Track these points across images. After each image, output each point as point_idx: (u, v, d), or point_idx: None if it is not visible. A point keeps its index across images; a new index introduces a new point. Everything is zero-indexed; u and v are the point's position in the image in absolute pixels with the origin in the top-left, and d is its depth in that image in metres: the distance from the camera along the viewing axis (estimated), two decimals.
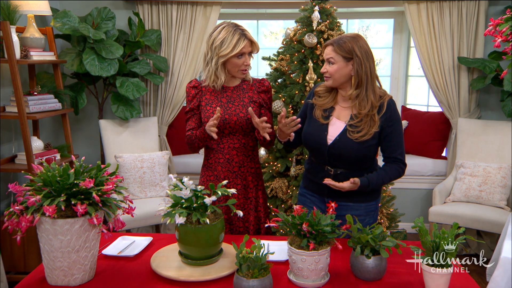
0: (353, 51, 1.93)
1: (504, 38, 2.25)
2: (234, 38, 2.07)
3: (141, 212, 3.30)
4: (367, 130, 1.96)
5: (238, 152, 2.19)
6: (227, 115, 2.15)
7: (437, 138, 4.19)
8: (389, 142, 2.00)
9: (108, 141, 3.77)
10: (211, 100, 2.19)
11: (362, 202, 2.07)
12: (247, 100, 2.19)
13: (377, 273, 1.65)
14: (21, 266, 3.19)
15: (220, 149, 2.19)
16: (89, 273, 1.66)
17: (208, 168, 2.23)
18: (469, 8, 3.81)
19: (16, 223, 1.55)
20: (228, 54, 2.07)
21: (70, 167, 1.62)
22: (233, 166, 2.19)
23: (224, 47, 2.07)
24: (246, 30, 2.13)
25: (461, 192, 3.67)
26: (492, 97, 4.01)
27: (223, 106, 2.16)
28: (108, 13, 3.71)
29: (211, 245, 1.72)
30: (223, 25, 2.11)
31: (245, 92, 2.22)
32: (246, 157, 2.21)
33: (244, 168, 2.21)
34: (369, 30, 4.71)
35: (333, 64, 1.96)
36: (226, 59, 2.10)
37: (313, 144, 2.05)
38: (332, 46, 1.97)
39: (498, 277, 2.19)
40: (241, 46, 2.07)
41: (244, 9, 4.32)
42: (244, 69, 2.15)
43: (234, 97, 2.20)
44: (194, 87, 2.21)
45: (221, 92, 2.20)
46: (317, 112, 2.06)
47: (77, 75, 3.84)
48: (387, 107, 1.98)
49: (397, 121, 2.01)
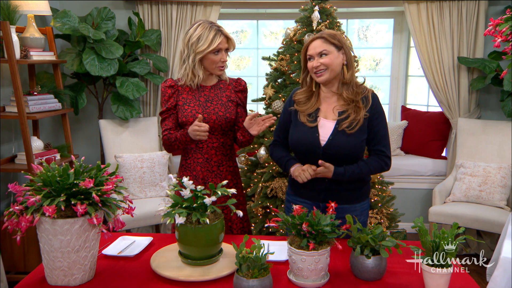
0: (341, 41, 1.99)
1: (504, 38, 2.25)
2: (211, 34, 2.07)
3: (141, 212, 3.30)
4: (354, 117, 1.97)
5: (217, 151, 2.19)
6: (206, 114, 2.15)
7: (437, 138, 4.19)
8: (375, 134, 2.03)
9: (108, 141, 3.77)
10: (188, 99, 2.17)
11: (357, 203, 2.09)
12: (225, 99, 2.20)
13: (377, 273, 1.65)
14: (21, 266, 3.19)
15: (198, 149, 2.18)
16: (89, 273, 1.66)
17: (187, 168, 2.22)
18: (469, 8, 3.81)
19: (16, 223, 1.55)
20: (205, 50, 2.07)
21: (70, 167, 1.62)
22: (212, 166, 2.19)
23: (201, 43, 2.07)
24: (221, 27, 2.13)
25: (461, 192, 3.67)
26: (492, 97, 4.01)
27: (202, 106, 2.16)
28: (108, 13, 3.71)
29: (211, 245, 1.72)
30: (198, 22, 2.11)
31: (223, 91, 2.22)
32: (224, 156, 2.22)
33: (223, 167, 2.22)
34: (369, 30, 4.71)
35: (327, 55, 1.97)
36: (203, 56, 2.09)
37: (305, 148, 2.02)
38: (322, 39, 1.99)
39: (498, 277, 2.19)
40: (218, 42, 2.07)
41: (244, 9, 4.32)
42: (221, 66, 2.14)
43: (212, 96, 2.19)
44: (171, 86, 2.19)
45: (198, 91, 2.19)
46: (302, 117, 2.05)
47: (77, 75, 3.84)
48: (372, 100, 2.02)
49: (382, 113, 2.05)
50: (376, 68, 4.79)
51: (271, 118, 2.06)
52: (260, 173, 3.12)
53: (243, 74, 4.82)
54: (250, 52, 4.76)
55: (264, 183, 3.03)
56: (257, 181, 3.12)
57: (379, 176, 3.09)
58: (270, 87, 3.17)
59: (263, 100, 3.24)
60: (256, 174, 3.16)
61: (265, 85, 3.23)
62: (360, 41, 4.71)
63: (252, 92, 4.81)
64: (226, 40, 2.11)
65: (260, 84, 4.66)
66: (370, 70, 4.78)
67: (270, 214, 3.00)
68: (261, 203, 3.02)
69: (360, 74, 3.21)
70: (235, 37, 4.74)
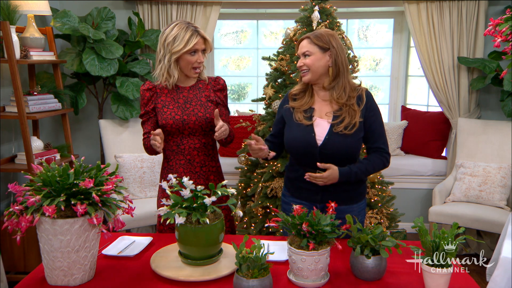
0: (330, 42, 1.97)
1: (503, 38, 2.25)
2: (187, 34, 2.05)
3: (141, 212, 3.30)
4: (349, 120, 1.96)
5: (199, 152, 2.18)
6: (186, 116, 2.13)
7: (437, 138, 4.19)
8: (372, 132, 2.02)
9: (108, 141, 3.77)
10: (167, 101, 2.16)
11: (355, 203, 2.08)
12: (204, 100, 2.18)
13: (377, 273, 1.65)
14: (21, 266, 3.19)
15: (180, 151, 2.17)
16: (88, 273, 1.66)
17: (169, 170, 2.20)
18: (469, 8, 3.81)
19: (16, 223, 1.55)
20: (180, 50, 2.06)
21: (69, 167, 1.62)
22: (195, 167, 2.19)
23: (177, 43, 2.06)
24: (198, 27, 2.12)
25: (461, 192, 3.67)
26: (492, 97, 4.01)
27: (181, 107, 2.15)
28: (108, 13, 3.71)
29: (211, 245, 1.72)
30: (175, 23, 2.10)
31: (202, 92, 2.20)
32: (207, 157, 2.21)
33: (206, 168, 2.21)
34: (369, 30, 4.71)
35: (309, 56, 1.97)
36: (178, 56, 2.08)
37: (301, 148, 2.01)
38: (308, 39, 1.99)
39: (498, 277, 2.19)
40: (193, 42, 2.05)
41: (244, 9, 4.32)
42: (196, 67, 2.12)
43: (191, 97, 2.18)
44: (149, 89, 2.18)
45: (177, 93, 2.18)
46: (297, 115, 2.04)
47: (77, 75, 3.84)
48: (366, 98, 2.02)
49: (377, 110, 2.05)
50: (376, 68, 4.79)
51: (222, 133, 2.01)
52: (260, 173, 3.13)
53: (243, 74, 4.82)
54: (250, 52, 4.76)
55: (264, 183, 3.03)
56: (257, 181, 3.13)
57: (379, 176, 3.09)
58: (270, 87, 3.17)
59: (263, 100, 3.25)
60: (256, 174, 3.16)
61: (265, 85, 3.23)
62: (360, 41, 4.71)
63: (252, 92, 4.81)
64: (203, 41, 2.10)
65: (260, 84, 4.66)
66: (370, 70, 4.78)
67: (270, 214, 3.00)
68: (261, 203, 3.02)
69: (360, 74, 3.22)
70: (235, 37, 4.75)
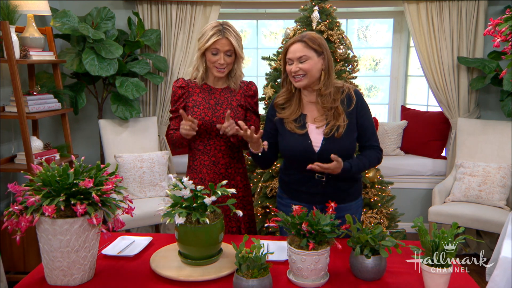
0: (323, 46, 1.95)
1: (503, 38, 2.25)
2: (211, 32, 2.06)
3: (140, 212, 3.30)
4: (333, 123, 1.96)
5: (224, 154, 2.18)
6: (215, 118, 2.14)
7: (436, 138, 4.19)
8: (364, 131, 2.03)
9: (108, 141, 3.77)
10: (198, 101, 2.17)
11: (352, 201, 2.10)
12: (235, 104, 2.19)
13: (376, 273, 1.65)
14: (21, 266, 3.19)
15: (206, 151, 2.18)
16: (88, 273, 1.66)
17: (193, 170, 2.21)
18: (468, 8, 3.81)
19: (16, 223, 1.55)
20: (202, 47, 2.08)
21: (69, 167, 1.62)
22: (219, 168, 2.19)
23: (202, 40, 2.09)
24: (229, 29, 2.08)
25: (460, 192, 3.67)
26: (492, 97, 4.01)
27: (211, 109, 2.15)
28: (107, 13, 3.71)
29: (211, 245, 1.72)
30: (214, 22, 2.12)
31: (233, 95, 2.21)
32: (232, 159, 2.21)
33: (232, 169, 2.22)
34: (369, 30, 4.71)
35: (307, 61, 1.93)
36: (202, 52, 2.11)
37: (299, 156, 2.00)
38: (302, 43, 1.93)
39: (498, 277, 2.19)
40: (212, 41, 2.05)
41: (244, 9, 4.32)
42: (218, 67, 2.11)
43: (222, 100, 2.18)
44: (181, 87, 2.19)
45: (209, 94, 2.18)
46: (289, 125, 2.01)
47: (76, 75, 3.84)
48: (356, 97, 2.01)
49: (367, 108, 2.05)
50: (375, 68, 4.79)
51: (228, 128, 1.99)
52: (260, 173, 3.13)
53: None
54: (250, 52, 4.76)
55: (264, 183, 3.03)
56: (257, 181, 3.13)
57: (379, 176, 3.09)
58: (269, 87, 3.17)
59: (262, 100, 3.24)
60: (256, 174, 3.16)
61: (264, 85, 3.23)
62: (360, 41, 4.71)
63: None
64: (228, 42, 2.07)
65: (260, 84, 4.62)
66: (370, 70, 4.78)
67: (270, 214, 3.00)
68: (260, 203, 3.02)
69: (359, 74, 3.22)
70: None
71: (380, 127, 4.31)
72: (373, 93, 4.83)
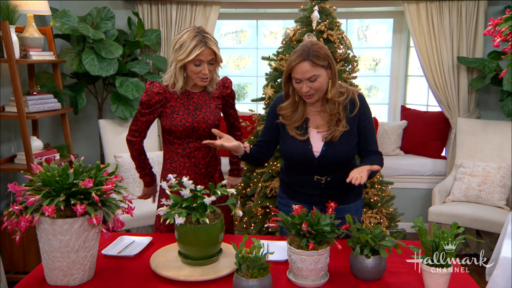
0: (328, 56, 1.88)
1: (503, 38, 2.25)
2: (192, 44, 1.97)
3: (140, 212, 3.30)
4: (334, 129, 1.94)
5: (204, 155, 2.20)
6: (196, 123, 2.13)
7: (436, 138, 4.19)
8: (366, 135, 2.00)
9: (108, 141, 3.77)
10: (177, 107, 2.13)
11: (352, 202, 2.09)
12: (213, 106, 2.20)
13: (376, 273, 1.65)
14: (21, 266, 3.19)
15: (186, 154, 2.18)
16: (88, 273, 1.66)
17: (172, 172, 2.19)
18: (468, 8, 3.81)
19: (16, 223, 1.54)
20: (184, 59, 2.00)
21: (69, 167, 1.62)
22: (200, 169, 2.21)
23: (181, 52, 2.00)
24: (209, 37, 2.02)
25: (460, 192, 3.67)
26: (492, 97, 4.01)
27: (191, 114, 2.13)
28: (107, 13, 3.71)
29: (211, 245, 1.72)
30: (188, 29, 2.04)
31: (211, 97, 2.20)
32: (211, 158, 2.24)
33: (211, 168, 2.25)
34: (369, 30, 4.71)
35: (317, 79, 1.86)
36: (182, 64, 2.03)
37: (299, 160, 1.99)
38: (309, 62, 1.83)
39: (498, 277, 2.19)
40: (196, 53, 1.97)
41: (243, 9, 4.32)
42: (202, 77, 2.07)
43: (201, 103, 2.17)
44: (159, 93, 2.11)
45: (187, 99, 2.15)
46: (290, 131, 1.99)
47: (76, 75, 3.84)
48: (360, 102, 1.98)
49: (369, 113, 2.02)
50: (375, 68, 4.79)
51: None
52: (259, 173, 3.12)
53: (243, 74, 4.82)
54: (249, 52, 4.76)
55: (263, 183, 3.03)
56: (257, 181, 3.12)
57: (379, 176, 3.09)
58: (269, 87, 3.17)
59: (262, 100, 3.24)
60: (256, 174, 3.16)
61: (264, 85, 3.23)
62: (360, 41, 4.71)
63: (252, 92, 4.81)
64: (211, 52, 2.01)
65: (259, 84, 4.66)
66: (370, 70, 4.78)
67: (269, 214, 3.00)
68: (260, 203, 3.02)
69: (359, 74, 3.22)
70: (235, 37, 4.75)
71: (380, 127, 4.31)
72: (373, 93, 4.83)
